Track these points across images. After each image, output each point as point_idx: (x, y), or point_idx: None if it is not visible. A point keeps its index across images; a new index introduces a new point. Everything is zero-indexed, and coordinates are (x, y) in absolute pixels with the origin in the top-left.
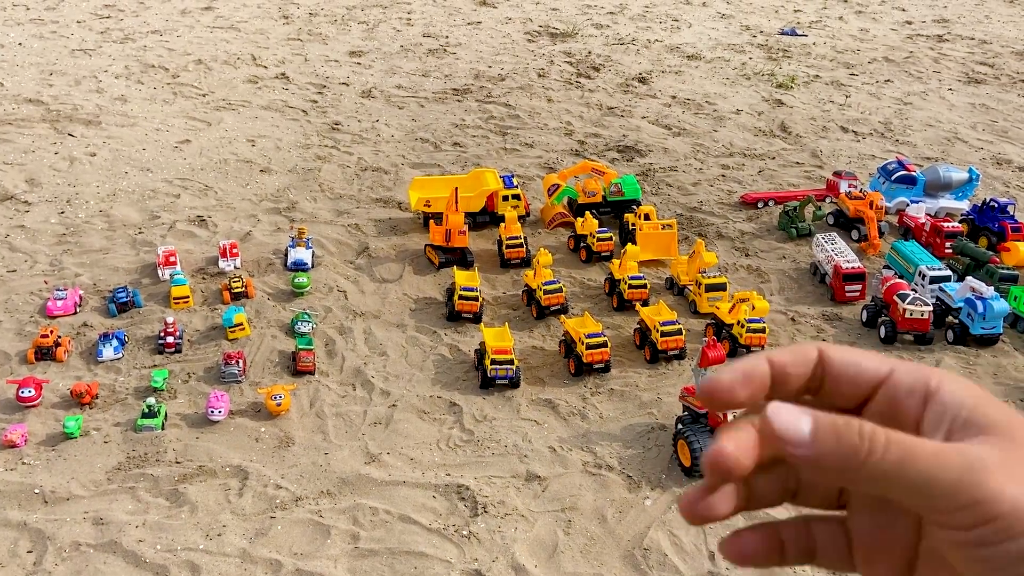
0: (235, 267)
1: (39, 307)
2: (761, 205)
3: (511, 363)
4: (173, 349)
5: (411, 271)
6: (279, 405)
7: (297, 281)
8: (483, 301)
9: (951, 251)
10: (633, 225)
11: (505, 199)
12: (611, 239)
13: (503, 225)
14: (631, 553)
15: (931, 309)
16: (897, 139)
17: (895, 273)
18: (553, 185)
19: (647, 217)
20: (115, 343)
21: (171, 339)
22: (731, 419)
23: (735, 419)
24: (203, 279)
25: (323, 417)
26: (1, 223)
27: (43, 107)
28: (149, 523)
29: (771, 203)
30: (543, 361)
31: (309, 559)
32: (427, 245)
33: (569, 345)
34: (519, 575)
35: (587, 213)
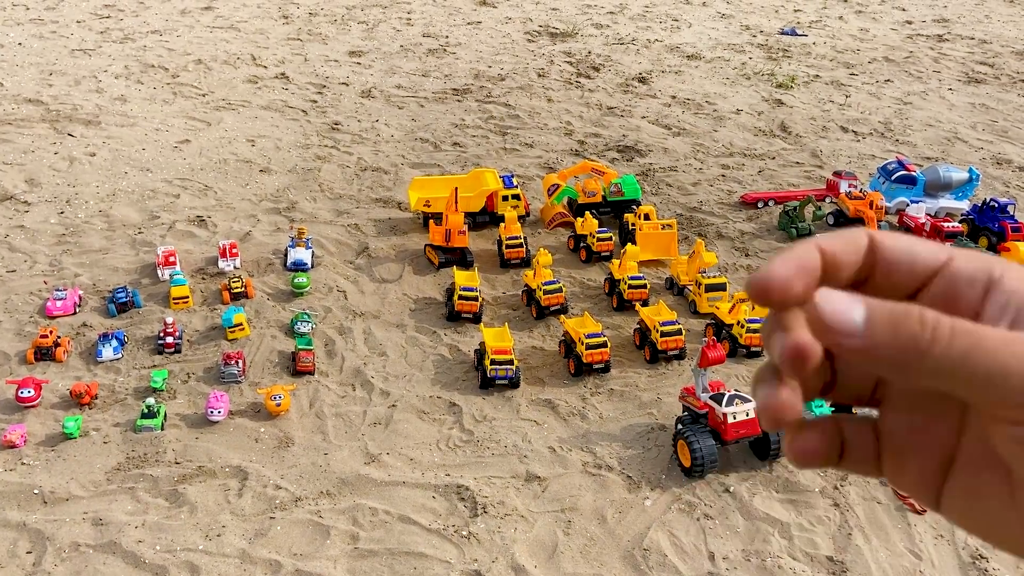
0: (235, 267)
1: (38, 307)
2: (761, 205)
3: (511, 363)
4: (172, 349)
5: (411, 271)
6: (279, 405)
7: (297, 281)
8: (483, 301)
9: None
10: (633, 225)
11: (505, 199)
12: (611, 239)
13: (503, 225)
14: (631, 553)
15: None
16: (897, 139)
17: None
18: (553, 185)
19: (647, 217)
20: (114, 343)
21: (171, 339)
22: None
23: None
24: (203, 279)
25: (323, 417)
26: (0, 223)
27: (43, 107)
28: (148, 523)
29: (771, 203)
30: (543, 361)
31: (308, 559)
32: (427, 245)
33: (569, 345)
34: (519, 575)
35: (587, 213)
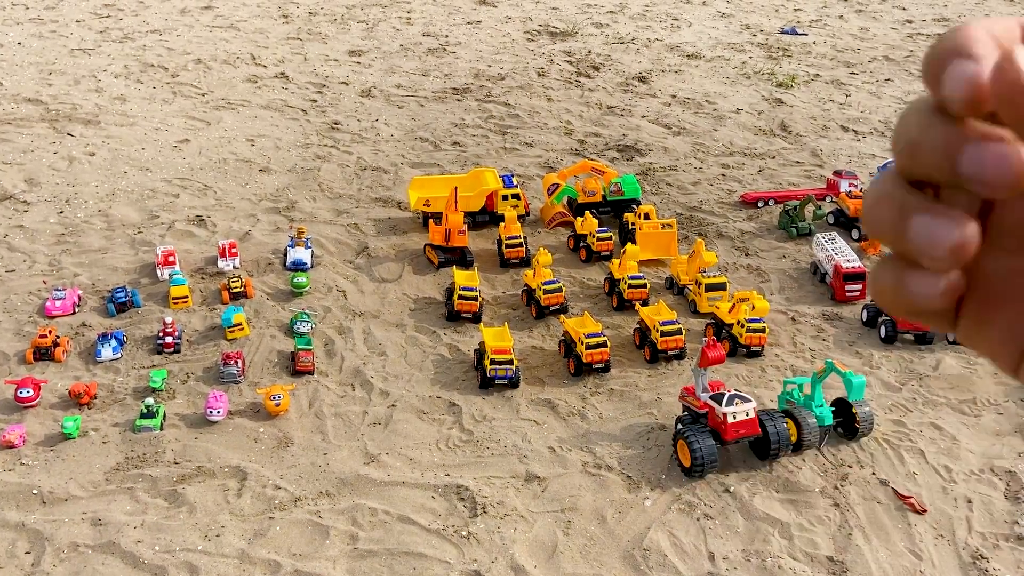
0: (234, 267)
1: (38, 307)
2: (761, 204)
3: (511, 363)
4: (172, 349)
5: (410, 271)
6: (278, 405)
7: (296, 281)
8: (483, 301)
9: None
10: (633, 224)
11: (505, 198)
12: (611, 239)
13: (503, 225)
14: (631, 554)
15: None
16: None
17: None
18: (553, 184)
19: (647, 216)
20: (114, 343)
21: (170, 339)
22: None
23: None
24: (202, 279)
25: (322, 417)
26: (0, 223)
27: (42, 107)
28: (147, 524)
29: (771, 202)
30: (543, 361)
31: (308, 560)
32: (427, 245)
33: (569, 345)
34: (518, 575)
35: (587, 212)
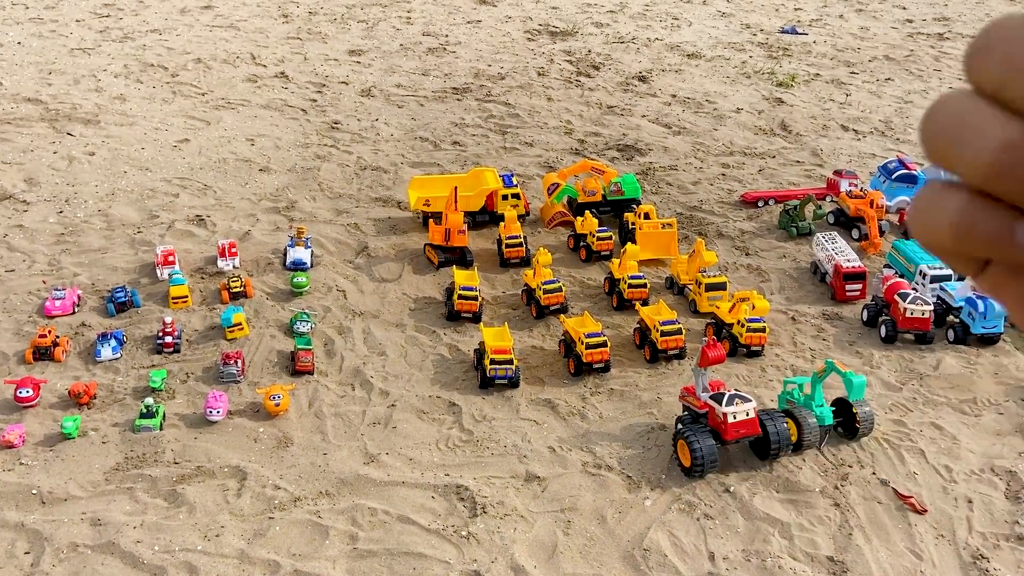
0: (234, 267)
1: (37, 307)
2: (761, 204)
3: (510, 363)
4: (171, 349)
5: (410, 270)
6: (278, 405)
7: (296, 281)
8: (482, 301)
9: None
10: (633, 224)
11: (505, 198)
12: (611, 238)
13: (503, 224)
14: (631, 554)
15: (932, 308)
16: (898, 138)
17: (896, 272)
18: (553, 184)
19: (647, 216)
20: (113, 343)
21: (169, 339)
22: None
23: None
24: (202, 279)
25: (322, 417)
26: (0, 222)
27: (42, 106)
28: (147, 524)
29: (771, 202)
30: (543, 361)
31: (307, 560)
32: (426, 244)
33: (569, 345)
34: (518, 575)
35: (587, 212)
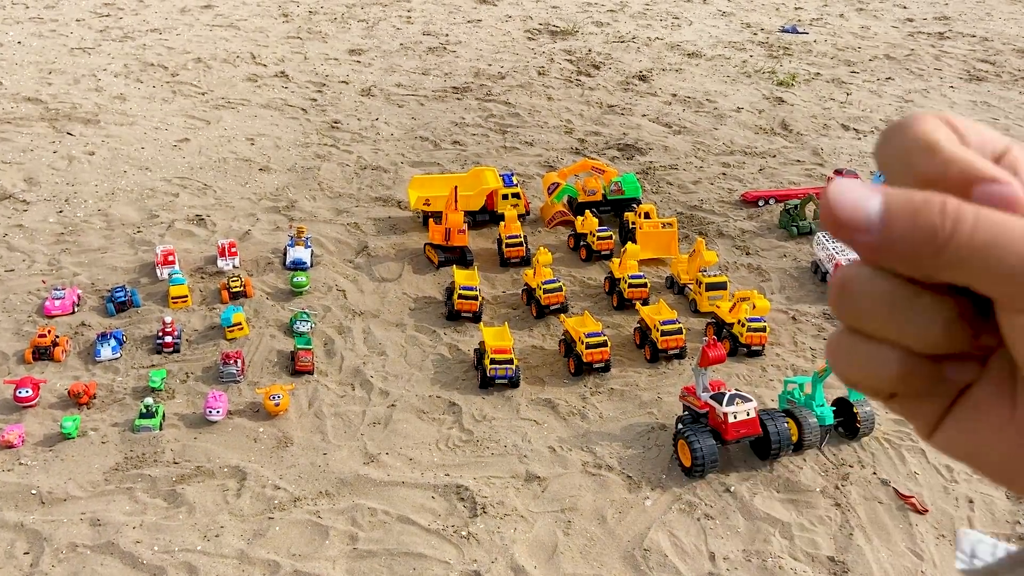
0: (234, 266)
1: (37, 307)
2: (762, 203)
3: (511, 363)
4: (171, 349)
5: (410, 270)
6: (277, 405)
7: (296, 280)
8: (483, 300)
9: None
10: (633, 224)
11: (505, 197)
12: (611, 238)
13: (503, 224)
14: (631, 554)
15: None
16: None
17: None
18: (553, 183)
19: (647, 216)
20: (113, 343)
21: (169, 339)
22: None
23: None
24: (201, 278)
25: (322, 417)
26: None
27: (42, 106)
28: (146, 524)
29: (772, 201)
30: (543, 361)
31: (307, 560)
32: (426, 244)
33: (569, 344)
34: None
35: (587, 212)
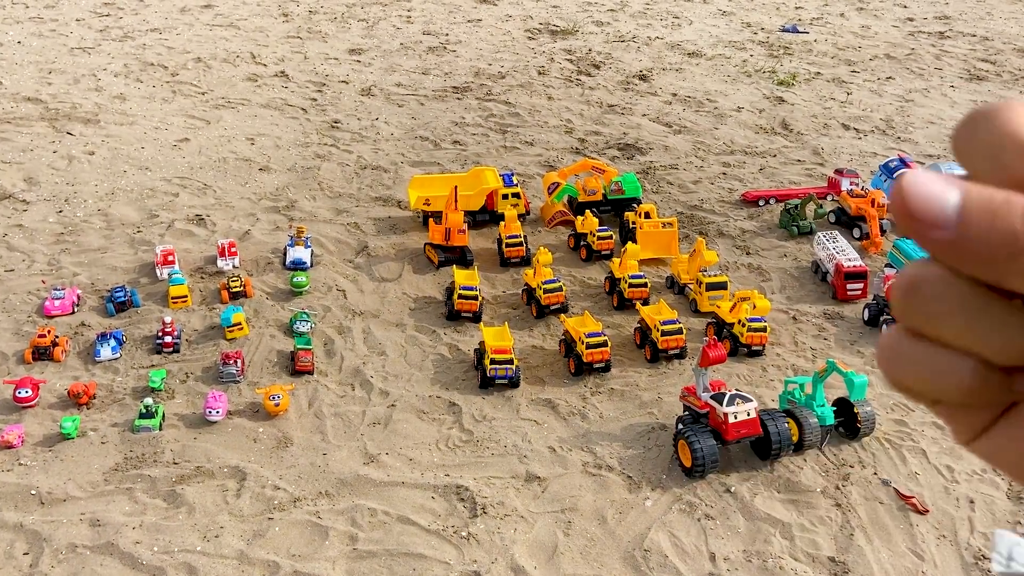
0: (234, 266)
1: (37, 307)
2: (762, 203)
3: (511, 363)
4: (171, 349)
5: (410, 270)
6: (277, 405)
7: (296, 280)
8: (483, 300)
9: None
10: (633, 223)
11: (505, 197)
12: (611, 238)
13: (503, 224)
14: (631, 554)
15: None
16: (899, 136)
17: (897, 271)
18: (553, 183)
19: (647, 215)
20: (113, 343)
21: (169, 339)
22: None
23: None
24: (201, 278)
25: (321, 417)
26: None
27: (42, 105)
28: (146, 524)
29: (772, 201)
30: (543, 361)
31: (307, 560)
32: (426, 244)
33: (569, 344)
34: None
35: (587, 211)
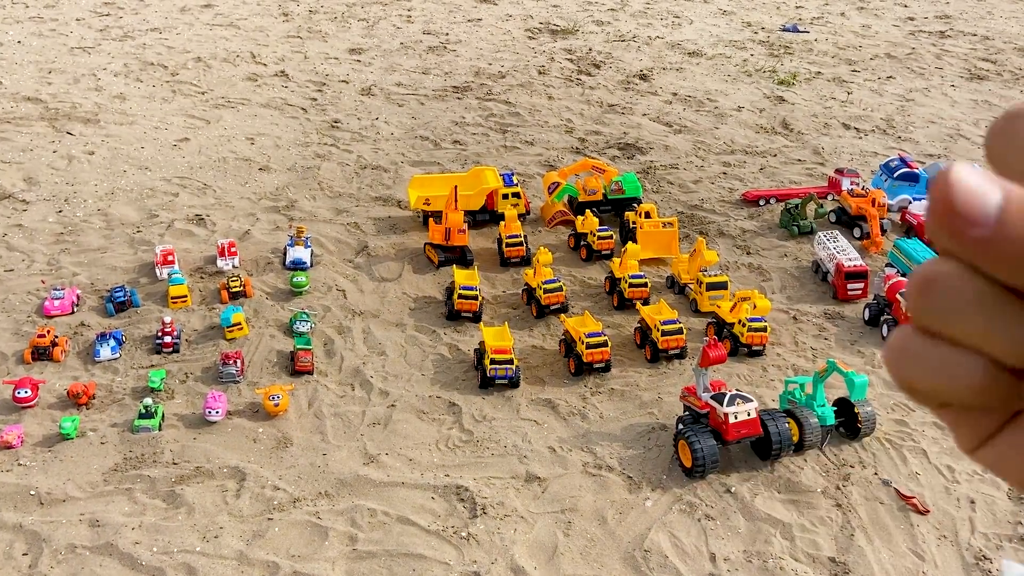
0: (233, 266)
1: (36, 307)
2: (762, 203)
3: (511, 363)
4: (171, 349)
5: (410, 270)
6: (277, 405)
7: (296, 280)
8: (483, 300)
9: None
10: (634, 223)
11: (505, 197)
12: (611, 237)
13: (503, 223)
14: (631, 555)
15: None
16: (899, 136)
17: (898, 271)
18: (553, 183)
19: (648, 215)
20: (112, 343)
21: (169, 339)
22: None
23: None
24: (201, 278)
25: (321, 417)
26: None
27: (42, 105)
28: (145, 525)
29: (772, 201)
30: (543, 361)
31: (307, 561)
32: (426, 244)
33: (569, 344)
34: None
35: (587, 211)
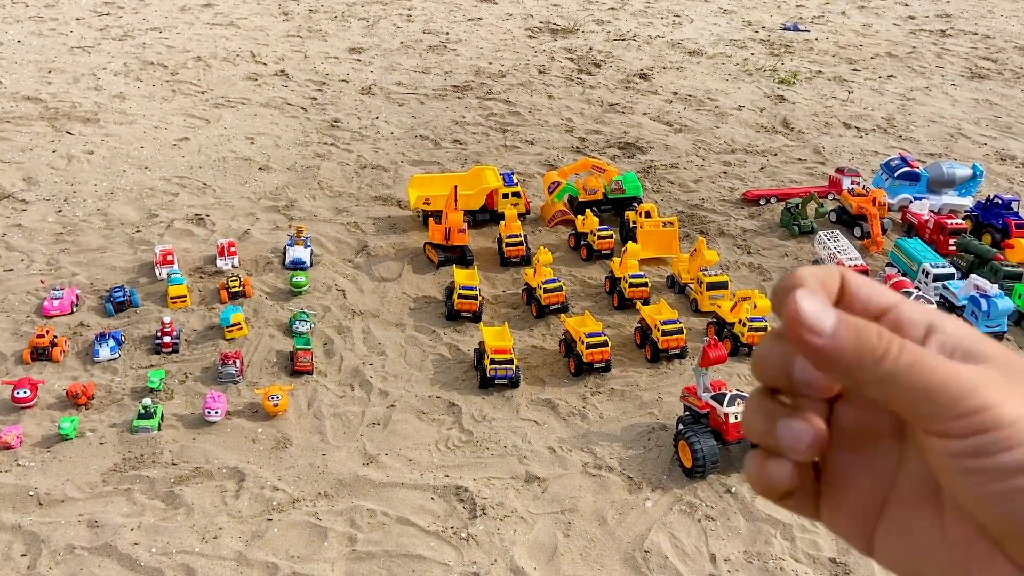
0: (233, 266)
1: (35, 307)
2: (763, 202)
3: (511, 363)
4: (170, 349)
5: (410, 270)
6: (276, 406)
7: (295, 280)
8: (483, 300)
9: (955, 248)
10: (634, 223)
11: (505, 197)
12: (612, 237)
13: (503, 223)
14: (631, 555)
15: (935, 307)
16: (900, 135)
17: (898, 271)
18: (553, 183)
19: (648, 215)
20: (112, 343)
21: (168, 339)
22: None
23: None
24: (200, 278)
25: (321, 418)
26: None
27: (41, 105)
28: (144, 526)
29: (773, 200)
30: (543, 361)
31: (306, 562)
32: (426, 243)
33: (569, 344)
34: None
35: (588, 211)
